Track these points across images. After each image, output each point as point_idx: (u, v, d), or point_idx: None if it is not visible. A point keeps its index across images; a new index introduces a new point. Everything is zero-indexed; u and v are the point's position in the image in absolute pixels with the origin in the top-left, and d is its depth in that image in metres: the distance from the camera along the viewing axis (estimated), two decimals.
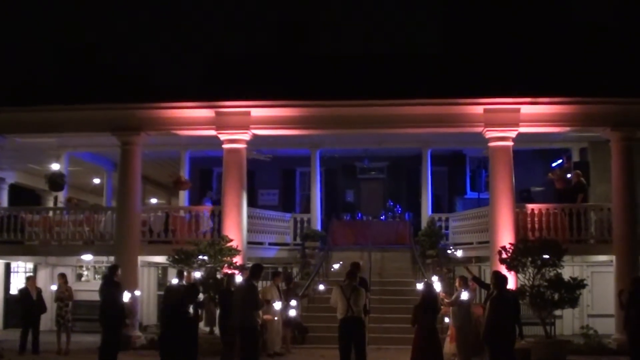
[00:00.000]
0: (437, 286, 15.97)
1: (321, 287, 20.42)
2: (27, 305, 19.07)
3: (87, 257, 22.28)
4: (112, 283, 15.88)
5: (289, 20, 31.88)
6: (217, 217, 21.50)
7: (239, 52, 29.91)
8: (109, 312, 15.44)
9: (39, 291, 19.47)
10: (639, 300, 15.50)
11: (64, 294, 18.98)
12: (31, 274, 23.23)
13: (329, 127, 21.52)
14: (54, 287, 19.47)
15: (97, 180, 30.38)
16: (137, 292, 18.97)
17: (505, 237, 19.77)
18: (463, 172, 28.71)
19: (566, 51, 26.30)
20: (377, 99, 20.76)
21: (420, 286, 17.39)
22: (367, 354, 13.91)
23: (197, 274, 18.19)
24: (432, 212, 25.87)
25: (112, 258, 21.09)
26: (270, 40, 29.48)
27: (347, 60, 26.95)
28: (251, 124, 20.94)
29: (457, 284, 16.57)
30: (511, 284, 18.08)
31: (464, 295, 15.57)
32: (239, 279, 16.19)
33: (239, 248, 20.03)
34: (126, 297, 16.84)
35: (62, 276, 19.59)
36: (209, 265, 18.93)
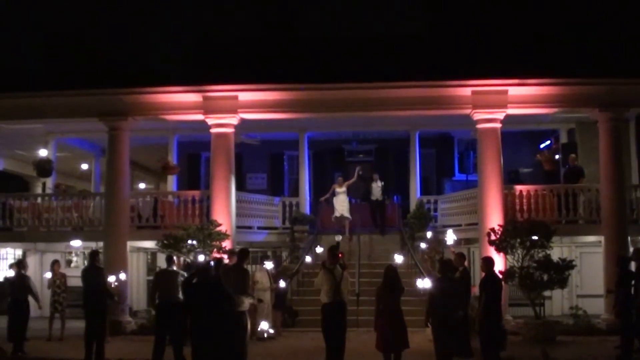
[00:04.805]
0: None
1: (308, 259, 20.63)
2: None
3: (76, 243, 22.20)
4: (93, 268, 15.82)
5: (276, 3, 31.74)
6: (206, 202, 21.52)
7: (226, 36, 29.78)
8: (92, 298, 15.39)
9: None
10: (627, 279, 15.60)
11: (61, 281, 19.04)
12: (14, 261, 23.12)
13: (317, 110, 21.48)
14: (48, 275, 19.41)
15: (85, 166, 30.27)
16: (122, 276, 18.92)
17: (494, 218, 19.82)
18: (451, 154, 28.80)
19: (554, 32, 26.28)
20: (364, 82, 20.72)
21: (397, 257, 17.67)
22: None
23: (201, 257, 18.23)
24: (421, 194, 25.92)
25: (101, 244, 21.05)
26: (257, 23, 29.33)
27: (335, 44, 26.89)
28: (239, 108, 20.90)
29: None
30: (500, 266, 18.22)
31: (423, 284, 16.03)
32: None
33: (228, 232, 20.04)
34: (112, 279, 16.84)
35: (56, 263, 19.58)
36: (198, 250, 18.91)
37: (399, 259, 17.88)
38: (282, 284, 18.72)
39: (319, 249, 21.30)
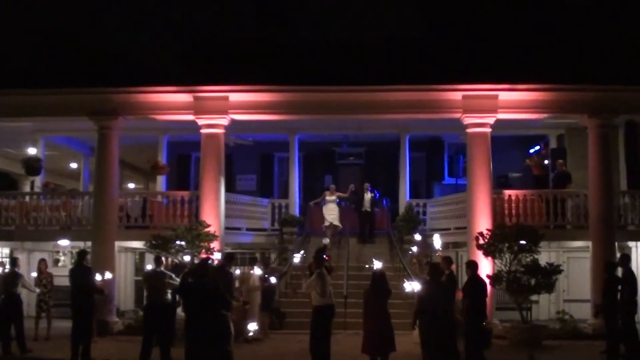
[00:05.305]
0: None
1: (296, 260, 20.64)
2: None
3: (64, 243, 22.16)
4: (81, 268, 15.79)
5: (269, 6, 31.78)
6: (195, 203, 21.49)
7: (218, 36, 29.79)
8: (79, 297, 15.34)
9: None
10: (614, 285, 15.67)
11: (47, 280, 18.99)
12: (1, 260, 23.09)
13: (308, 112, 21.50)
14: (34, 274, 19.39)
15: (74, 165, 30.21)
16: (109, 275, 18.87)
17: (483, 222, 19.86)
18: (441, 158, 28.85)
19: (545, 37, 26.37)
20: (355, 85, 20.76)
21: (377, 264, 17.67)
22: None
23: (187, 258, 18.28)
24: (410, 197, 25.96)
25: (89, 243, 20.98)
26: (250, 25, 29.38)
27: (326, 46, 26.89)
28: (229, 108, 20.88)
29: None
30: (488, 270, 18.30)
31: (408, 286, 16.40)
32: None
33: (216, 233, 20.00)
34: (98, 278, 16.80)
35: (43, 261, 19.52)
36: (186, 251, 18.88)
37: (378, 264, 17.94)
38: (272, 279, 18.71)
39: (297, 258, 21.09)
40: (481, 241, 18.72)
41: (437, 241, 19.53)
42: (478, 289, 14.18)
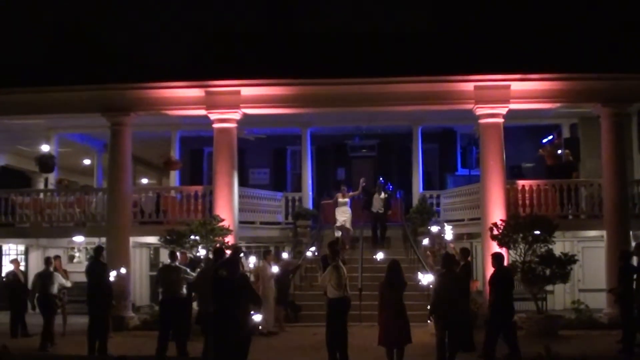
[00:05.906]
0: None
1: (309, 253, 20.66)
2: (15, 288, 19.14)
3: (79, 239, 22.22)
4: (98, 264, 15.85)
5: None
6: (208, 197, 21.53)
7: (229, 30, 29.77)
8: (96, 293, 15.41)
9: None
10: (629, 274, 15.61)
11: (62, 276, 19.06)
12: (16, 257, 23.21)
13: (320, 105, 21.50)
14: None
15: (87, 161, 30.29)
16: (123, 270, 18.93)
17: (496, 213, 19.82)
18: (454, 149, 28.75)
19: (557, 27, 26.24)
20: (367, 77, 20.72)
21: (379, 256, 17.65)
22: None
23: (202, 252, 18.33)
24: (423, 189, 25.93)
25: (103, 239, 21.05)
26: (260, 18, 29.38)
27: (338, 38, 26.86)
28: (241, 103, 20.89)
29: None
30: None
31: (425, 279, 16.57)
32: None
33: (230, 228, 20.03)
34: (112, 276, 16.84)
35: (57, 258, 19.59)
36: (201, 246, 18.92)
37: (380, 255, 17.92)
38: (274, 268, 18.67)
39: (310, 252, 21.23)
40: (495, 232, 18.70)
41: (448, 232, 19.51)
42: (506, 282, 14.08)
